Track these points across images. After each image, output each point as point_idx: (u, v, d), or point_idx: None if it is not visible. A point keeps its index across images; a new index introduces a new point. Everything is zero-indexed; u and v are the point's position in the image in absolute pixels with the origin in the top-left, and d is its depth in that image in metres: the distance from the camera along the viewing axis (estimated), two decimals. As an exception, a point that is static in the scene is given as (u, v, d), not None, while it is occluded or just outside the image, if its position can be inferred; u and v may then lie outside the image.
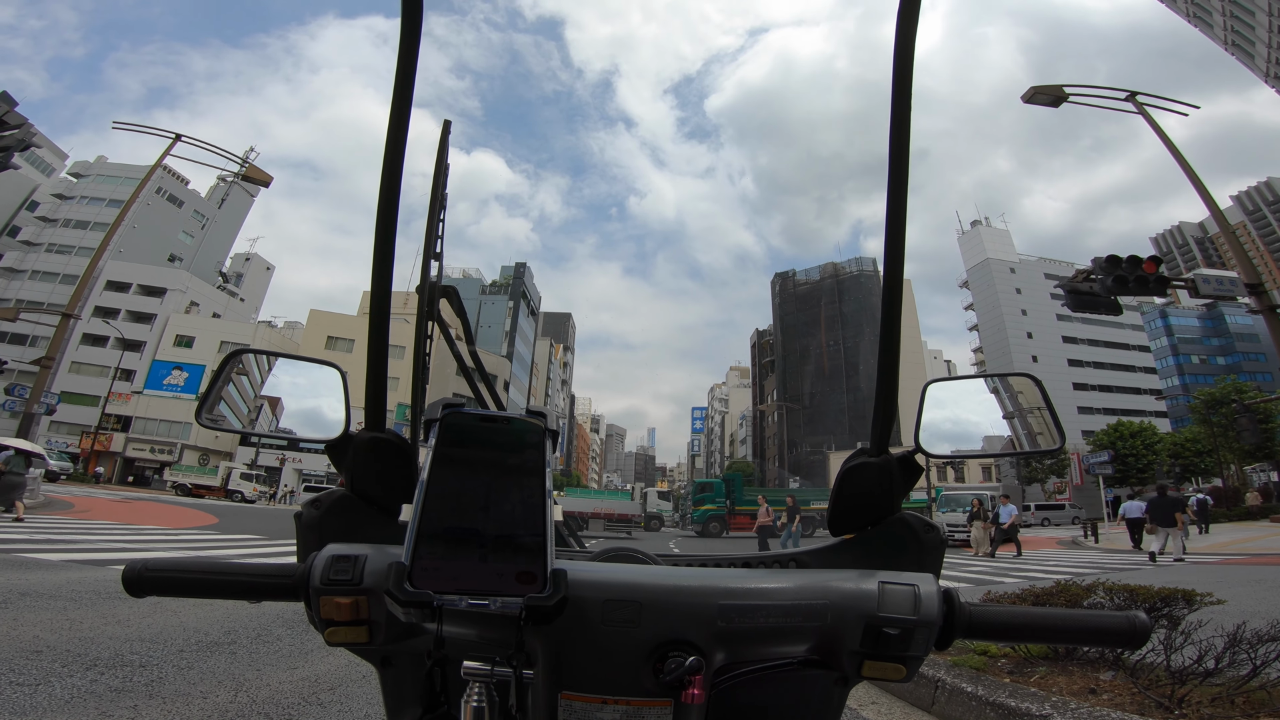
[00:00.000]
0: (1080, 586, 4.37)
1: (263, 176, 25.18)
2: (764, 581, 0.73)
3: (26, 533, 11.26)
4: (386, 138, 0.74)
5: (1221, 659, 3.30)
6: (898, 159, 0.74)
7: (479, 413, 0.66)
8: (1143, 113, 16.38)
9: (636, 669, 0.68)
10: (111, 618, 5.29)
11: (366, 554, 0.68)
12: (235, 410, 0.95)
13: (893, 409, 0.83)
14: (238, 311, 72.63)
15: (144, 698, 3.45)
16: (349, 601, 0.66)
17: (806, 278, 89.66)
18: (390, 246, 0.77)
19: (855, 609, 0.69)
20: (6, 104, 13.02)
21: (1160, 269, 13.52)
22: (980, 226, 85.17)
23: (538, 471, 0.63)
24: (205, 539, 14.11)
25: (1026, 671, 3.91)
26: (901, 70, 0.72)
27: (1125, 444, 48.11)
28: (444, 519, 0.61)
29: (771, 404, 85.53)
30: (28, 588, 6.17)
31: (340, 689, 3.95)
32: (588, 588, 0.67)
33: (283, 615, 5.84)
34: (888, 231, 0.76)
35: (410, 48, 0.73)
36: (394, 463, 0.83)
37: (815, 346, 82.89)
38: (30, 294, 59.16)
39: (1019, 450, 0.98)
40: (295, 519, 0.81)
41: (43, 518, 14.83)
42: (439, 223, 1.11)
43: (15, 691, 3.32)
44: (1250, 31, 68.70)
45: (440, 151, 1.11)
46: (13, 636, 4.40)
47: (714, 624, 0.68)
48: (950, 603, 0.70)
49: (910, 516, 0.84)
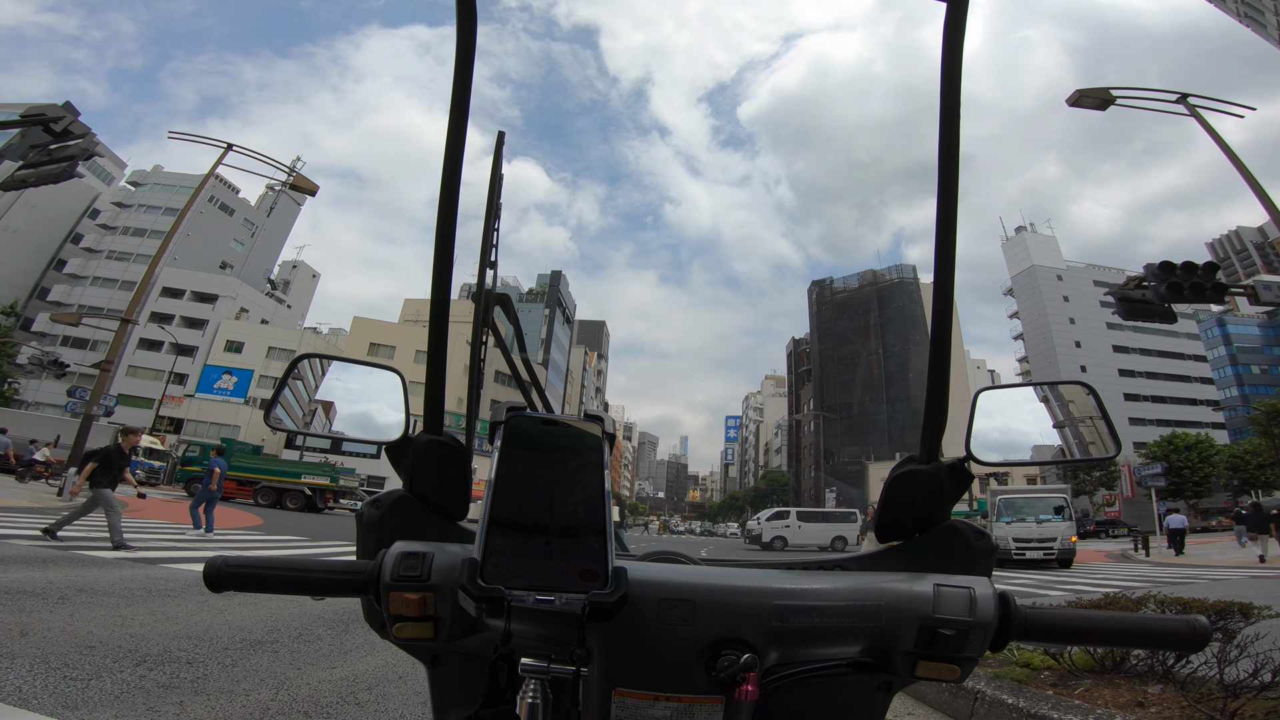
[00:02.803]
0: (1130, 599, 4.25)
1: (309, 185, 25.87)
2: (818, 583, 0.74)
3: (83, 530, 11.72)
4: (445, 148, 0.76)
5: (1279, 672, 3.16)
6: (947, 165, 0.73)
7: (540, 415, 0.69)
8: (1195, 115, 15.78)
9: (689, 666, 0.69)
10: (161, 615, 5.47)
11: (433, 551, 0.70)
12: (293, 414, 0.98)
13: (943, 417, 0.83)
14: (285, 318, 74.83)
15: (190, 694, 3.56)
16: (417, 598, 0.67)
17: (845, 285, 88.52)
18: (449, 255, 0.79)
19: (910, 610, 0.69)
20: (71, 114, 13.63)
21: (1218, 275, 13.00)
22: (1025, 233, 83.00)
23: (597, 472, 0.65)
24: (251, 539, 14.52)
25: (1070, 684, 3.79)
26: (950, 77, 0.72)
27: (1180, 456, 46.50)
28: (510, 517, 0.63)
29: (808, 413, 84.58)
30: (84, 584, 6.42)
31: (378, 689, 4.02)
32: (644, 586, 0.69)
33: (323, 615, 5.97)
34: (938, 239, 0.76)
35: (466, 59, 0.75)
36: (450, 465, 0.85)
37: (853, 355, 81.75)
38: (91, 299, 61.82)
39: (1071, 459, 0.97)
40: (356, 518, 0.84)
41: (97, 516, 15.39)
42: (494, 232, 1.13)
43: (69, 686, 3.44)
44: (1306, 31, 65.76)
45: (495, 161, 1.13)
46: (68, 631, 4.57)
47: (768, 623, 0.69)
48: (1006, 605, 0.70)
49: (960, 523, 0.83)
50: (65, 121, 13.29)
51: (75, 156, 13.38)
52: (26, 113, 13.47)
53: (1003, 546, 19.18)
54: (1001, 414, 0.97)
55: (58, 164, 13.28)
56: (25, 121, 13.33)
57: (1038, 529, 20.31)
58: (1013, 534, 20.32)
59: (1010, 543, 19.90)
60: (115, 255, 66.58)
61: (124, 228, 68.35)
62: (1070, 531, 20.36)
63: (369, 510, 0.83)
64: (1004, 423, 0.97)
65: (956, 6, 0.70)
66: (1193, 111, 15.82)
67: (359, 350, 57.41)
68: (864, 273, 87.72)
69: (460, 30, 0.73)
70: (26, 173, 13.32)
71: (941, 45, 0.71)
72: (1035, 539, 20.09)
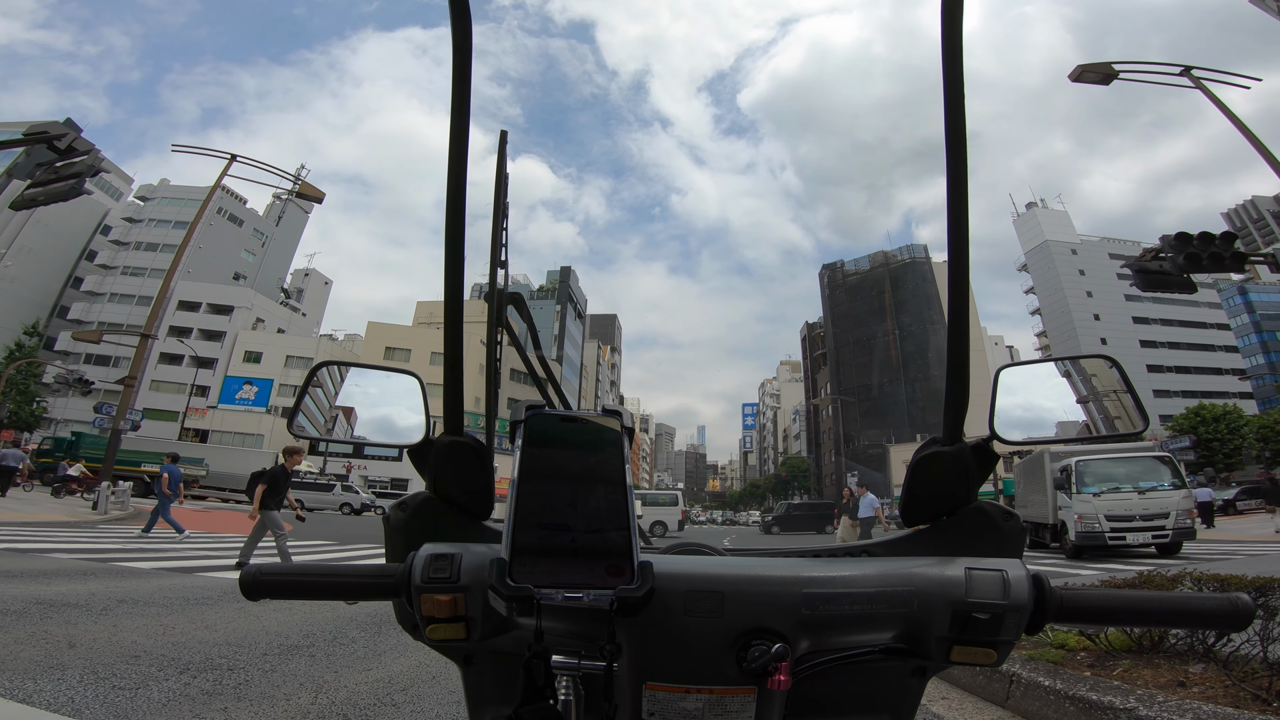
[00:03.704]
0: (1166, 577, 4.15)
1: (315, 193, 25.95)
2: (847, 569, 0.73)
3: (120, 543, 11.96)
4: (449, 149, 0.76)
5: None
6: (955, 143, 0.72)
7: (560, 413, 0.69)
8: (1200, 87, 15.45)
9: (719, 658, 0.69)
10: (200, 622, 5.58)
11: (461, 552, 0.70)
12: (314, 421, 0.99)
13: (964, 396, 0.81)
14: (300, 326, 75.49)
15: (233, 700, 3.63)
16: (448, 599, 0.68)
17: (856, 268, 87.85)
18: (460, 257, 0.79)
19: (942, 595, 0.69)
20: (73, 131, 13.72)
21: (1236, 244, 12.78)
22: (1036, 209, 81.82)
23: (618, 468, 0.65)
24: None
25: (1108, 665, 3.71)
26: (951, 57, 0.71)
27: (1208, 428, 45.67)
28: (535, 516, 0.63)
29: (825, 397, 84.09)
30: (124, 595, 6.57)
31: (412, 689, 4.07)
32: (671, 580, 0.68)
33: (356, 618, 6.05)
34: (950, 218, 0.74)
35: (463, 59, 0.74)
36: (472, 465, 0.85)
37: (868, 337, 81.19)
38: (110, 316, 62.76)
39: (1096, 435, 0.96)
40: (383, 521, 0.85)
41: (133, 528, 15.71)
42: (503, 231, 1.14)
43: (118, 695, 3.52)
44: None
45: (499, 161, 1.13)
46: (114, 642, 4.67)
47: (798, 612, 0.69)
48: (1040, 587, 0.69)
49: (988, 505, 0.82)
50: (68, 138, 13.34)
51: (82, 173, 13.43)
52: (29, 131, 13.55)
53: (1091, 529, 14.68)
54: (1024, 391, 0.95)
55: (65, 181, 13.34)
56: (29, 140, 13.38)
57: (1140, 502, 14.70)
58: (1105, 509, 14.69)
59: (1102, 523, 14.65)
60: (130, 270, 67.45)
61: (136, 243, 69.18)
62: (1188, 503, 14.96)
63: (395, 513, 0.83)
64: (1027, 400, 0.95)
65: None
66: (1198, 84, 15.49)
67: (375, 355, 57.88)
68: (875, 254, 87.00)
69: (455, 30, 0.73)
70: (35, 191, 13.41)
71: (940, 25, 0.70)
72: (1138, 516, 14.59)
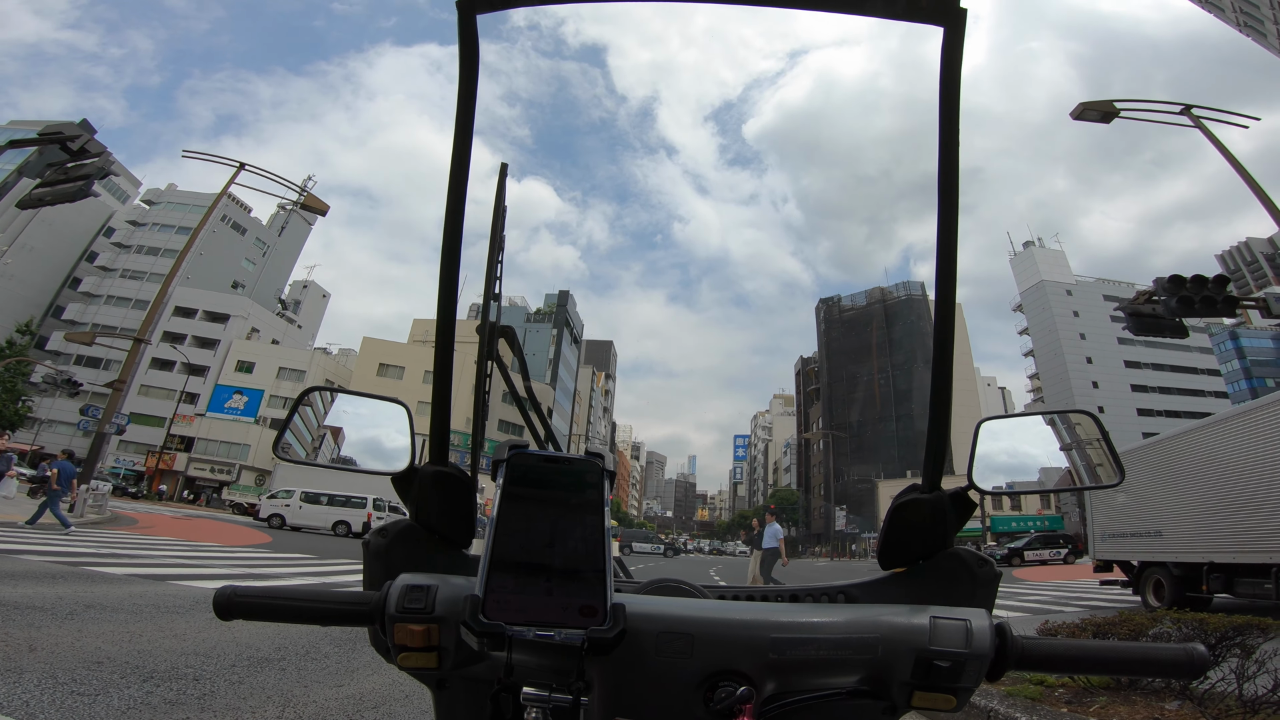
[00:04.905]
0: (1146, 616, 4.23)
1: (320, 205, 26.18)
2: (815, 615, 0.74)
3: (93, 546, 11.76)
4: (450, 174, 0.77)
5: None
6: (947, 183, 0.74)
7: (542, 454, 0.69)
8: (1200, 126, 15.78)
9: (687, 698, 0.70)
10: (169, 631, 5.47)
11: (437, 584, 0.71)
12: (303, 442, 1.00)
13: (944, 444, 0.82)
14: (295, 338, 75.34)
15: (196, 710, 3.55)
16: (422, 629, 0.68)
17: (853, 303, 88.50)
18: (453, 291, 0.80)
19: (906, 642, 0.70)
20: (87, 133, 13.86)
21: (1228, 288, 12.92)
22: (1034, 248, 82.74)
23: (597, 510, 0.67)
24: (259, 557, 14.53)
25: (1085, 701, 3.77)
26: (948, 99, 0.72)
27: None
28: (512, 553, 0.64)
29: (817, 432, 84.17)
30: (93, 600, 6.44)
31: (384, 708, 4.00)
32: (643, 620, 0.70)
33: (330, 633, 5.95)
34: (938, 266, 0.76)
35: (469, 81, 0.75)
36: (456, 495, 0.86)
37: (862, 373, 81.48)
38: (105, 318, 62.44)
39: (1078, 485, 0.99)
40: (363, 546, 0.84)
41: (108, 532, 15.49)
42: (498, 264, 1.14)
43: (75, 701, 3.45)
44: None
45: (499, 194, 1.14)
46: (76, 647, 4.58)
47: (765, 655, 0.70)
48: (1003, 636, 0.70)
49: (963, 551, 0.84)
50: (82, 140, 13.50)
51: (91, 175, 13.57)
52: (44, 131, 13.71)
53: None
54: (1007, 438, 0.98)
55: (74, 183, 13.46)
56: (43, 140, 13.55)
57: None
58: None
59: None
60: (129, 274, 67.33)
61: (138, 246, 69.14)
62: None
63: (375, 539, 0.83)
64: (1009, 448, 0.98)
65: (953, 32, 0.70)
66: (1197, 123, 15.82)
67: (369, 370, 57.77)
68: (872, 290, 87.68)
69: (462, 52, 0.74)
70: (43, 191, 13.51)
71: (939, 68, 0.71)
72: None
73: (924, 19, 0.69)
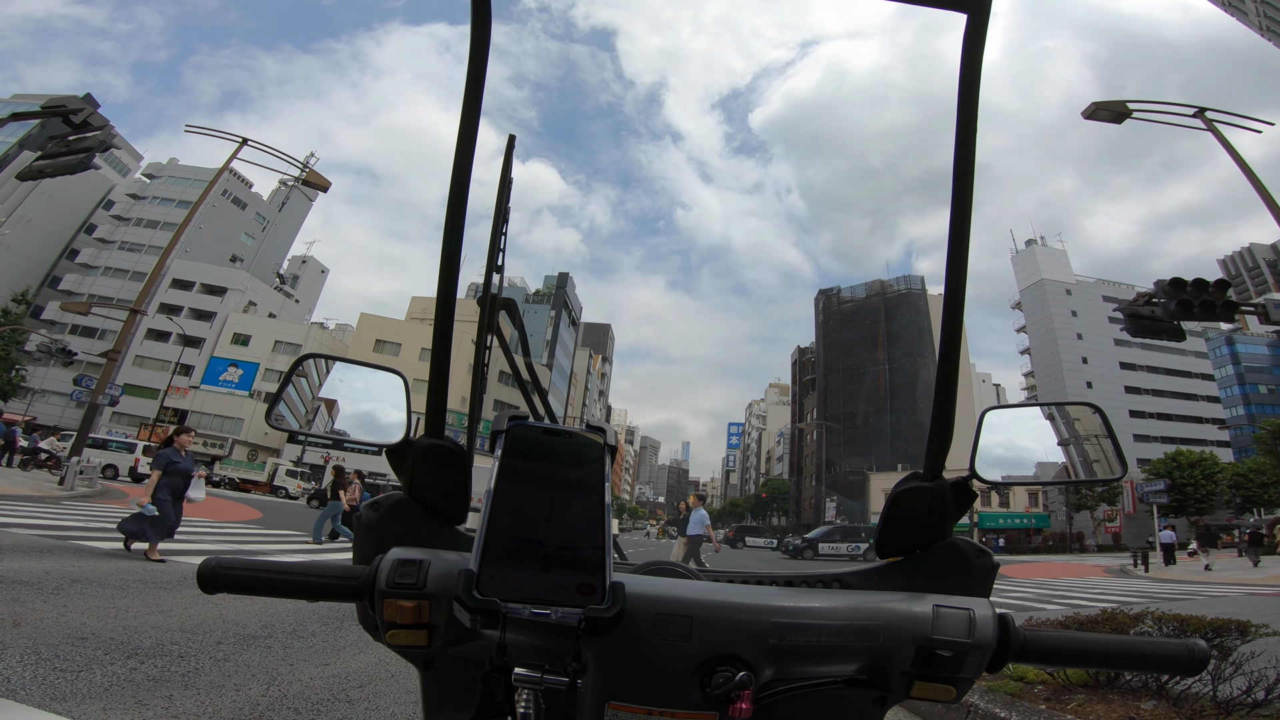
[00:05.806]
0: (1128, 615, 4.27)
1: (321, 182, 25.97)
2: (816, 601, 0.73)
3: (82, 520, 11.75)
4: (455, 151, 0.75)
5: (1273, 689, 3.19)
6: (962, 178, 0.73)
7: (543, 425, 0.67)
8: (1212, 129, 15.69)
9: (684, 682, 0.69)
10: (155, 607, 5.46)
11: (429, 559, 0.69)
12: (295, 412, 0.98)
13: (948, 433, 0.81)
14: (292, 312, 75.14)
15: (180, 688, 3.55)
16: (412, 605, 0.67)
17: (852, 295, 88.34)
18: (456, 259, 0.78)
19: (908, 631, 0.69)
20: (90, 106, 13.79)
21: (1228, 293, 12.91)
22: (1035, 246, 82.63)
23: (598, 485, 0.64)
24: (249, 533, 14.54)
25: (1064, 699, 3.80)
26: (968, 89, 0.71)
27: (1184, 473, 46.34)
28: (509, 528, 0.62)
29: (811, 422, 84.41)
30: (79, 575, 6.43)
31: (369, 687, 4.00)
32: (641, 601, 0.68)
33: (318, 612, 5.96)
34: (949, 253, 0.74)
35: (479, 60, 0.74)
36: (451, 469, 0.84)
37: (858, 365, 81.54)
38: (102, 289, 62.06)
39: (1075, 478, 0.99)
40: (355, 519, 0.83)
41: (97, 506, 15.48)
42: (501, 236, 1.12)
43: (58, 678, 3.43)
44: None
45: (505, 166, 1.12)
46: (61, 623, 4.56)
47: (765, 640, 0.69)
48: (1005, 627, 0.70)
49: (961, 541, 0.83)
50: (84, 113, 13.45)
51: (92, 148, 13.50)
52: (47, 104, 13.64)
53: None
54: (1007, 433, 0.96)
55: (75, 155, 13.39)
56: (46, 113, 13.52)
57: None
58: None
59: None
60: (128, 246, 66.94)
61: (137, 219, 68.74)
62: None
63: (368, 513, 0.82)
64: (1009, 441, 0.97)
65: (977, 19, 0.69)
66: (1210, 126, 15.73)
67: (365, 346, 57.64)
68: (872, 283, 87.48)
69: (475, 28, 0.72)
70: (44, 163, 13.45)
71: (960, 57, 0.70)
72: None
73: (948, 5, 0.67)
